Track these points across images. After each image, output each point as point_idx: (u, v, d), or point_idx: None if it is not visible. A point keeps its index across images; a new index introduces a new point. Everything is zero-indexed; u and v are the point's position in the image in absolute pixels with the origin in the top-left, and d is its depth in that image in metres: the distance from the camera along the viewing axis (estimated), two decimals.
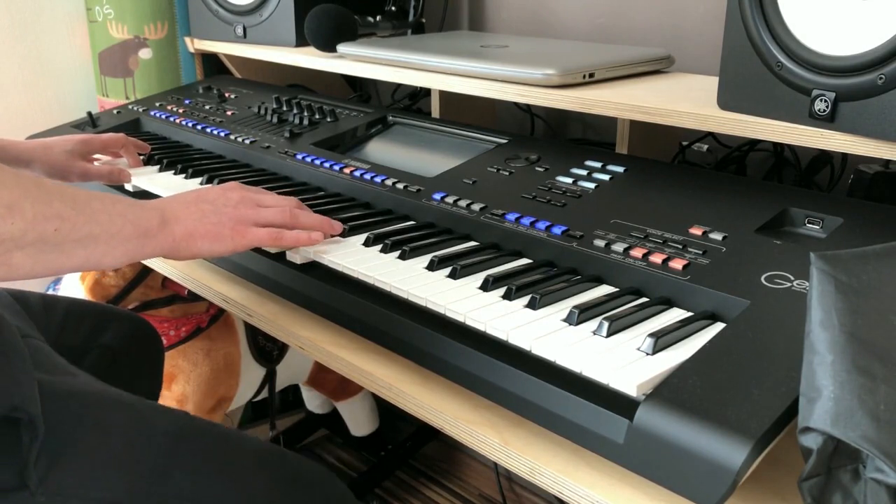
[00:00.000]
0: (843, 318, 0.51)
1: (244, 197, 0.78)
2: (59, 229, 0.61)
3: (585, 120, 1.32)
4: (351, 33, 1.25)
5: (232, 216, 0.75)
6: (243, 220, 0.76)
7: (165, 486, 0.71)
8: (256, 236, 0.76)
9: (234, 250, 0.75)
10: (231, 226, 0.75)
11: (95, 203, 0.65)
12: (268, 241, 0.77)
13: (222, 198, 0.77)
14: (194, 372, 1.41)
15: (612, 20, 1.26)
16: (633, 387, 0.55)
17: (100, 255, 0.65)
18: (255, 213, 0.77)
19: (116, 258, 0.67)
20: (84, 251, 0.64)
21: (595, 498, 0.56)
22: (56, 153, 1.04)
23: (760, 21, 0.77)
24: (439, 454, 1.78)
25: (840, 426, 0.45)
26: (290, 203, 0.82)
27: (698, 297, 0.67)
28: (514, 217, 0.82)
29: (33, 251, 0.60)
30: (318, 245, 0.81)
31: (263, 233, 0.76)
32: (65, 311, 1.05)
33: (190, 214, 0.73)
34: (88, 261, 0.65)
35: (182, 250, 0.72)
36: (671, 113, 0.86)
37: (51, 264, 0.62)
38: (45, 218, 0.60)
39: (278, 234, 0.77)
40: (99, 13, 1.46)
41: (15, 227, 0.58)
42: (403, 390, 0.68)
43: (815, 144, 0.76)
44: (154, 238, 0.70)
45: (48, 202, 0.61)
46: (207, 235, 0.73)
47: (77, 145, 1.07)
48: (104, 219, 0.65)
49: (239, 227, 0.75)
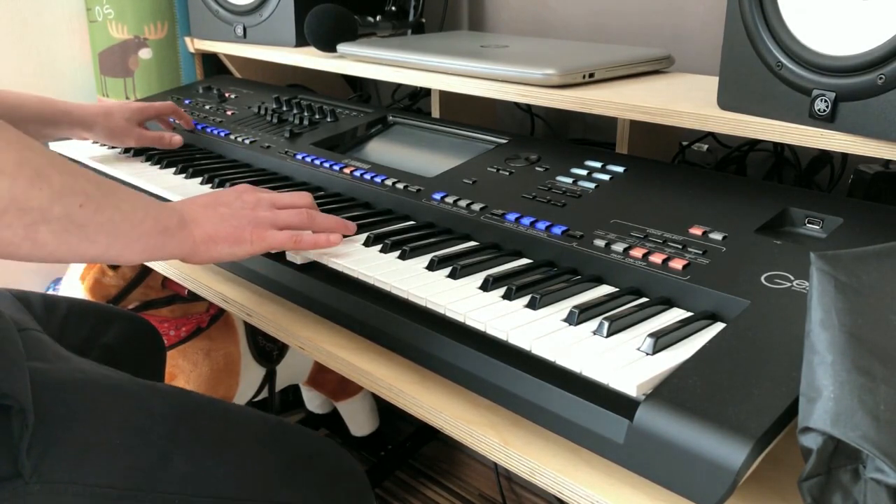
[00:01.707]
0: (843, 318, 0.51)
1: (260, 199, 0.78)
2: (84, 206, 0.61)
3: (585, 120, 1.32)
4: (351, 33, 1.25)
5: (250, 219, 0.75)
6: (261, 223, 0.76)
7: (165, 469, 0.70)
8: (276, 239, 0.76)
9: (253, 253, 0.75)
10: (250, 229, 0.75)
11: (120, 191, 0.66)
12: (287, 245, 0.77)
13: (238, 200, 0.77)
14: (194, 372, 1.41)
15: (612, 20, 1.26)
16: (633, 387, 0.55)
17: (121, 246, 0.65)
18: (272, 216, 0.77)
19: (136, 253, 0.67)
20: (106, 238, 0.64)
21: (595, 498, 0.56)
22: (116, 119, 1.13)
23: (760, 21, 0.77)
24: (439, 454, 1.78)
25: (840, 426, 0.45)
26: (305, 201, 0.82)
27: (698, 297, 0.67)
28: (514, 217, 0.82)
29: (59, 228, 0.60)
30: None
31: (282, 236, 0.76)
32: (66, 312, 1.05)
33: (209, 218, 0.73)
34: (109, 250, 0.64)
35: (201, 253, 0.72)
36: (671, 113, 0.86)
37: (74, 247, 0.62)
38: (72, 191, 0.60)
39: (297, 238, 0.77)
40: (99, 13, 1.46)
41: (43, 193, 0.58)
42: (403, 390, 0.68)
43: (815, 144, 0.76)
44: (173, 237, 0.70)
45: (74, 177, 0.61)
46: (227, 239, 0.73)
47: (135, 113, 1.16)
48: (127, 207, 0.65)
49: (258, 231, 0.75)
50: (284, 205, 0.80)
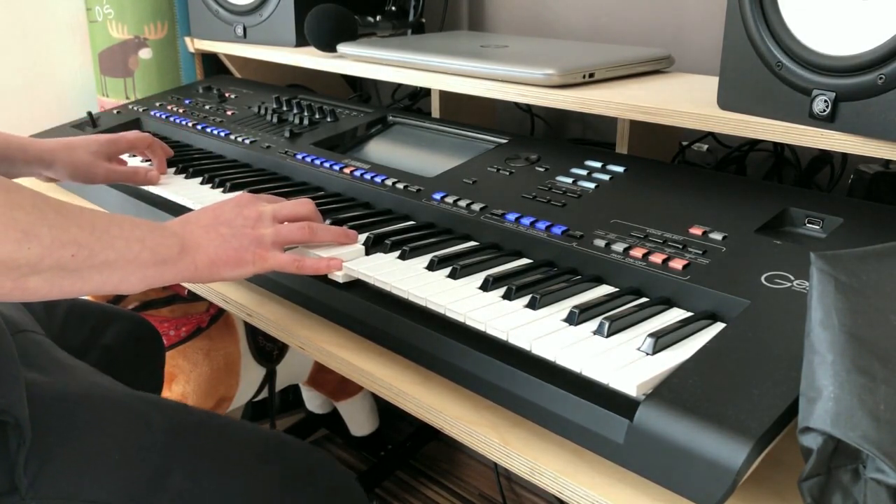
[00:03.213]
0: (843, 318, 0.51)
1: (262, 214, 0.76)
2: (76, 255, 0.60)
3: (585, 120, 1.32)
4: (351, 33, 1.25)
5: (252, 238, 0.74)
6: (264, 243, 0.74)
7: (163, 485, 0.70)
8: (278, 262, 0.75)
9: (256, 273, 0.74)
10: (252, 249, 0.73)
11: (114, 229, 0.64)
12: (289, 268, 0.75)
13: (240, 217, 0.75)
14: (194, 372, 1.41)
15: (612, 20, 1.26)
16: (634, 387, 0.55)
17: (117, 280, 0.64)
18: (274, 233, 0.75)
19: (133, 284, 0.66)
20: (100, 276, 0.63)
21: (595, 498, 0.56)
22: (80, 154, 1.00)
23: (760, 21, 0.77)
24: (439, 454, 1.78)
25: (840, 426, 0.45)
26: (307, 209, 0.80)
27: (698, 297, 0.67)
28: (514, 217, 0.82)
29: (50, 276, 0.59)
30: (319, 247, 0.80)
31: (285, 258, 0.75)
32: (66, 312, 1.04)
33: (211, 241, 0.72)
34: (105, 285, 0.64)
35: (204, 278, 0.72)
36: (671, 113, 0.86)
37: (67, 289, 0.61)
38: (63, 244, 0.59)
39: (300, 263, 0.75)
40: (99, 13, 1.46)
41: (32, 252, 0.57)
42: (403, 390, 0.68)
43: (815, 144, 0.76)
44: (174, 265, 0.69)
45: (66, 228, 0.60)
46: (230, 262, 0.72)
47: (102, 146, 1.02)
48: (121, 245, 0.64)
49: (260, 251, 0.74)
50: (286, 216, 0.78)
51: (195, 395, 1.41)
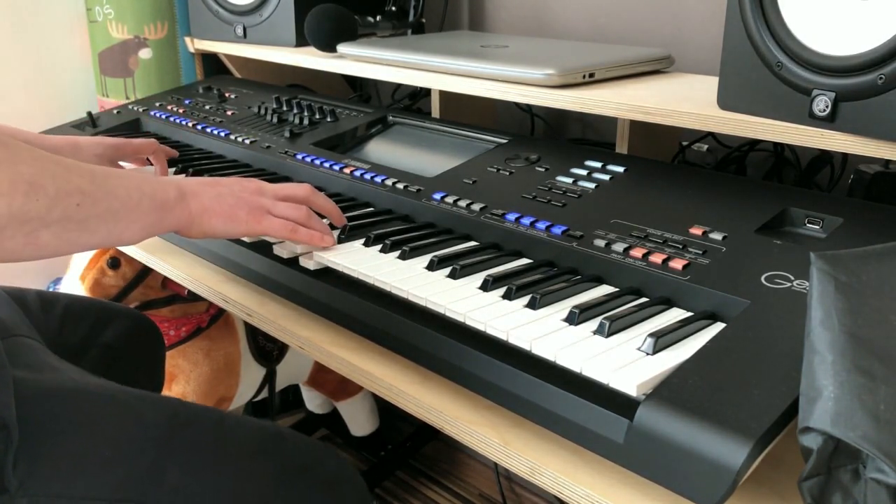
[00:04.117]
0: (843, 318, 0.51)
1: (261, 187, 0.80)
2: (81, 204, 0.62)
3: (585, 120, 1.32)
4: (351, 33, 1.25)
5: (248, 202, 0.77)
6: (259, 208, 0.77)
7: (158, 481, 0.69)
8: (272, 225, 0.77)
9: (248, 233, 0.77)
10: (247, 210, 0.76)
11: (113, 179, 0.66)
12: (282, 233, 0.78)
13: (239, 185, 0.79)
14: (194, 372, 1.41)
15: (612, 20, 1.26)
16: (634, 387, 0.55)
17: (121, 230, 0.67)
18: (271, 204, 0.78)
19: (136, 232, 0.68)
20: (105, 226, 0.65)
21: (595, 498, 0.56)
22: (85, 154, 1.00)
23: (760, 21, 0.77)
24: (439, 454, 1.78)
25: (840, 426, 0.45)
26: (305, 192, 0.83)
27: (698, 297, 0.67)
28: (514, 217, 0.82)
29: (58, 229, 0.61)
30: None
31: (279, 223, 0.77)
32: (64, 309, 1.03)
33: (207, 192, 0.75)
34: (110, 236, 0.66)
35: (196, 226, 0.73)
36: (671, 113, 0.86)
37: (75, 241, 0.63)
38: (68, 193, 0.61)
39: (294, 228, 0.78)
40: (99, 13, 1.46)
41: (40, 203, 0.59)
42: (403, 390, 0.68)
43: (815, 144, 0.76)
44: (171, 211, 0.71)
45: (68, 178, 0.62)
46: (223, 214, 0.75)
47: (108, 149, 1.02)
48: (122, 193, 0.66)
49: (255, 213, 0.76)
50: (285, 196, 0.81)
51: (195, 394, 1.41)
